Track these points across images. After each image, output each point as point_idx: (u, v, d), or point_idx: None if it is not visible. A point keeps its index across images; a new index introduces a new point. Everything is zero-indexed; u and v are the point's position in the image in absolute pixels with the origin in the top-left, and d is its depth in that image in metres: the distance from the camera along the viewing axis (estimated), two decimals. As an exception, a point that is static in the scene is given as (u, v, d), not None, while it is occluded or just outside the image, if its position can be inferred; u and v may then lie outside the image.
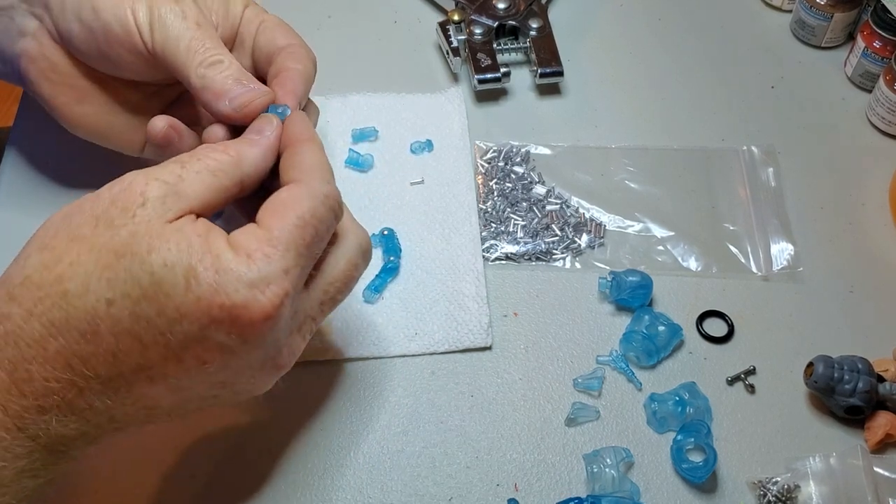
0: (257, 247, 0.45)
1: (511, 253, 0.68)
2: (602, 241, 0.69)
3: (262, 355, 0.47)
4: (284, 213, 0.47)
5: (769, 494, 0.55)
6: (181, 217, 0.45)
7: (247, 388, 0.49)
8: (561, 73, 0.77)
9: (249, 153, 0.50)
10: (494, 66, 0.76)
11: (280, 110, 0.54)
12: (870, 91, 0.77)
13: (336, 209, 0.49)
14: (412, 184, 0.71)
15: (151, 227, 0.44)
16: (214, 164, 0.48)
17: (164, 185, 0.45)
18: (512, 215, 0.70)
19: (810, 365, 0.59)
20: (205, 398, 0.48)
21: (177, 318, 0.43)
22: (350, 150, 0.73)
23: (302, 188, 0.48)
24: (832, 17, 0.79)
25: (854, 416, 0.59)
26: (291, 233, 0.46)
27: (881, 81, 0.74)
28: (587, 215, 0.70)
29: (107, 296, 0.43)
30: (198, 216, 0.46)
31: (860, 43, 0.76)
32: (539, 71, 0.77)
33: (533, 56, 0.78)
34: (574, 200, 0.71)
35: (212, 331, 0.44)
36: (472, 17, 0.79)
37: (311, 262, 0.48)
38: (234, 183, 0.48)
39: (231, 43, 0.60)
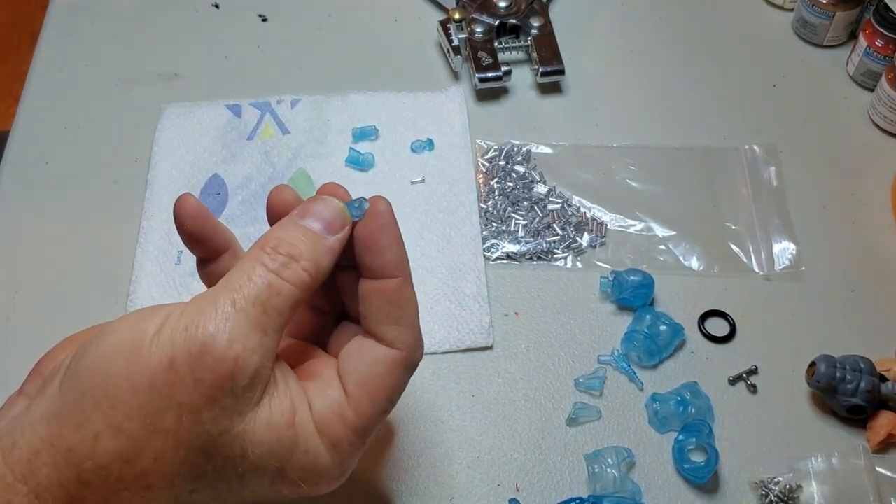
0: (344, 436, 0.42)
1: (512, 252, 0.67)
2: (603, 240, 0.68)
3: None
4: (379, 394, 0.43)
5: (771, 494, 0.55)
6: (269, 387, 0.41)
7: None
8: (562, 72, 0.77)
9: (325, 262, 0.43)
10: (495, 65, 0.76)
11: (357, 204, 0.45)
12: (872, 90, 0.77)
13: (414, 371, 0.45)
14: (413, 183, 0.71)
15: (245, 424, 0.39)
16: (295, 293, 0.41)
17: (253, 357, 0.39)
18: (513, 214, 0.69)
19: (812, 364, 0.59)
20: None
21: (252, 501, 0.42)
22: (350, 148, 0.72)
23: (401, 364, 0.44)
24: (834, 15, 0.79)
25: (856, 416, 0.59)
26: (379, 417, 0.44)
27: (883, 80, 0.74)
28: (588, 214, 0.70)
29: (191, 488, 0.40)
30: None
31: (862, 42, 0.76)
32: (540, 69, 0.77)
33: (534, 55, 0.78)
34: (575, 199, 0.71)
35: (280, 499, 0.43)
36: (473, 15, 0.79)
37: None
38: (304, 301, 0.43)
39: None
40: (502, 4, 0.79)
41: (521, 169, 0.72)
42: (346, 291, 0.49)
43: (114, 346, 0.39)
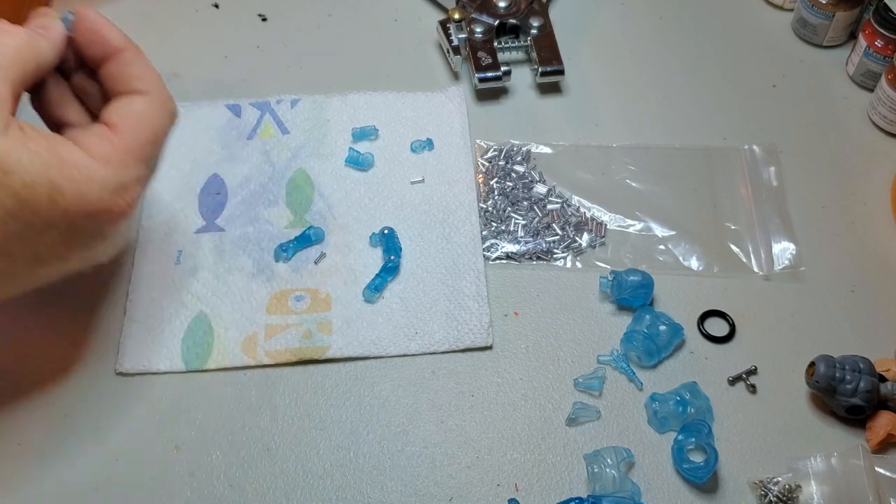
0: (114, 154, 0.49)
1: (512, 252, 0.67)
2: (603, 240, 0.68)
3: (113, 241, 0.52)
4: (141, 126, 0.51)
5: (770, 494, 0.55)
6: (12, 125, 0.47)
7: (99, 259, 0.53)
8: (562, 72, 0.77)
9: (44, 45, 0.51)
10: (495, 65, 0.76)
11: (63, 16, 0.54)
12: (871, 90, 0.77)
13: (175, 120, 0.54)
14: (412, 183, 0.71)
15: None
16: (16, 53, 0.49)
17: None
18: (513, 214, 0.69)
19: (812, 365, 0.59)
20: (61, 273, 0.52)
21: (44, 230, 0.47)
22: (350, 148, 0.72)
23: (156, 105, 0.52)
24: (834, 15, 0.79)
25: (855, 416, 0.59)
26: (145, 147, 0.51)
27: (883, 80, 0.74)
28: (588, 214, 0.70)
29: None
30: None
31: (862, 42, 0.76)
32: (540, 69, 0.77)
33: (534, 54, 0.78)
34: (575, 199, 0.71)
35: (76, 232, 0.48)
36: (473, 15, 0.79)
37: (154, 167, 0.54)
38: (35, 70, 0.50)
39: None
40: (502, 4, 0.79)
41: (520, 169, 0.72)
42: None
43: None
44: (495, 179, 0.72)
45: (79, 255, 0.50)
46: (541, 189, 0.71)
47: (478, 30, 0.78)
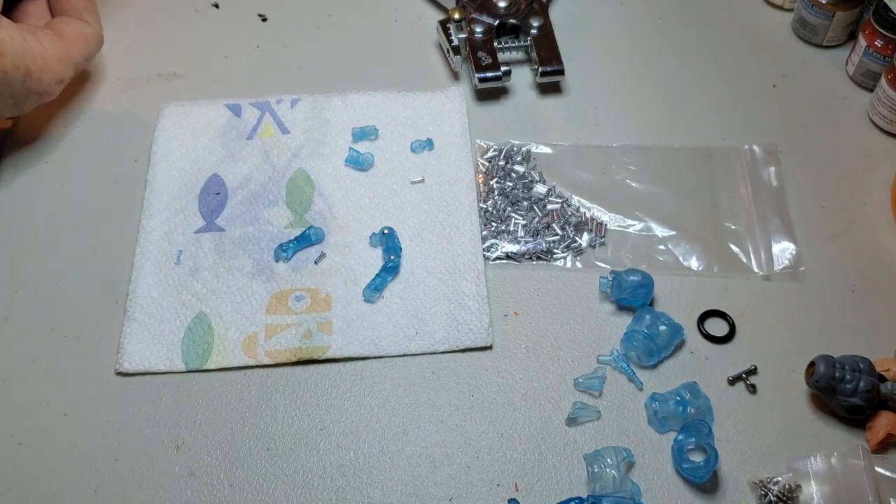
0: (64, 53, 0.67)
1: (512, 252, 0.67)
2: (603, 240, 0.68)
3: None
4: (82, 42, 0.70)
5: (770, 494, 0.55)
6: (1, 19, 0.62)
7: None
8: (562, 72, 0.77)
9: None
10: (495, 65, 0.76)
11: None
12: (871, 90, 0.77)
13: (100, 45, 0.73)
14: (412, 183, 0.71)
15: None
16: None
17: None
18: (513, 214, 0.69)
19: (812, 364, 0.59)
20: None
21: (5, 97, 0.64)
22: (350, 148, 0.72)
23: (95, 32, 0.72)
24: (833, 15, 0.79)
25: (855, 416, 0.59)
26: (81, 58, 0.70)
27: (883, 80, 0.74)
28: (588, 214, 0.70)
29: None
30: None
31: (862, 42, 0.76)
32: (540, 69, 0.77)
33: (534, 54, 0.78)
34: (575, 199, 0.71)
35: (20, 102, 0.66)
36: (473, 15, 0.79)
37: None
38: None
39: None
40: (502, 4, 0.79)
41: (520, 169, 0.72)
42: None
43: None
44: (495, 179, 0.72)
45: (9, 111, 0.66)
46: (541, 189, 0.71)
47: (478, 30, 0.78)
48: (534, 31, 0.78)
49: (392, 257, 0.66)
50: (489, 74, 0.76)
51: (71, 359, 0.62)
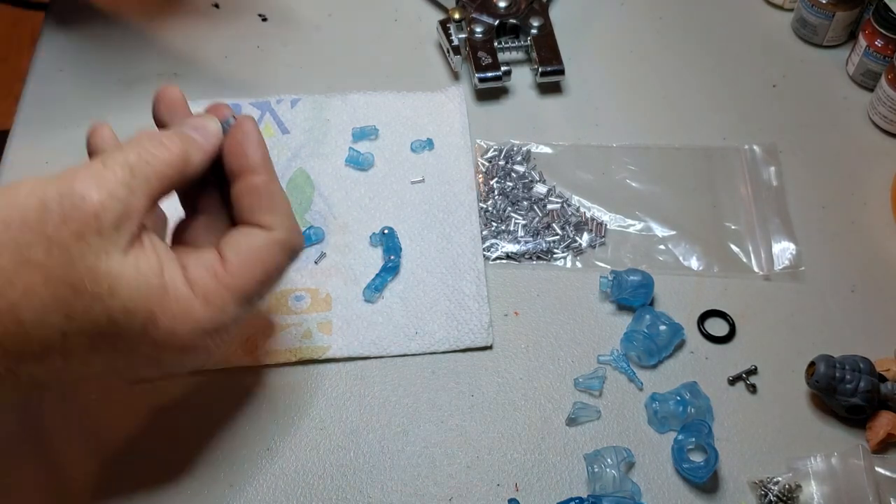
0: (217, 293, 0.46)
1: (512, 252, 0.67)
2: (603, 240, 0.68)
3: (191, 365, 0.49)
4: (254, 264, 0.47)
5: (770, 494, 0.55)
6: (135, 242, 0.44)
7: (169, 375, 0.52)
8: (562, 72, 0.77)
9: (196, 158, 0.48)
10: (495, 65, 0.76)
11: (227, 119, 0.52)
12: (871, 90, 0.77)
13: (296, 258, 0.50)
14: (413, 182, 0.71)
15: (110, 263, 0.42)
16: (163, 167, 0.46)
17: (118, 204, 0.43)
18: (513, 214, 0.69)
19: (812, 364, 0.59)
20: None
21: (128, 353, 0.45)
22: (350, 148, 0.72)
23: (277, 243, 0.48)
24: (834, 15, 0.79)
25: (856, 416, 0.59)
26: (253, 287, 0.47)
27: (883, 80, 0.74)
28: (588, 214, 0.70)
29: (63, 330, 0.42)
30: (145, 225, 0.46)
31: (862, 42, 0.76)
32: (540, 69, 0.77)
33: (534, 54, 0.78)
34: (575, 199, 0.71)
35: (159, 360, 0.46)
36: (473, 15, 0.79)
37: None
38: (174, 185, 0.47)
39: None
40: (502, 4, 0.79)
41: (520, 169, 0.72)
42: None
43: None
44: (495, 179, 0.72)
45: (153, 373, 0.48)
46: (541, 189, 0.71)
47: (478, 30, 0.78)
48: (534, 31, 0.78)
49: (392, 257, 0.66)
50: (489, 74, 0.76)
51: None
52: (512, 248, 0.68)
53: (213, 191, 0.52)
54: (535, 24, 0.79)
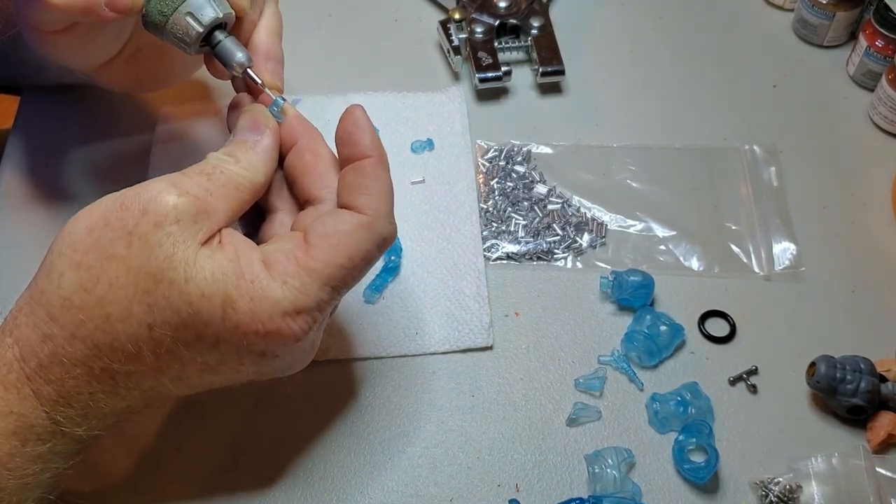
0: (295, 274, 0.45)
1: (512, 252, 0.67)
2: (603, 240, 0.68)
3: (289, 360, 0.49)
4: (337, 248, 0.46)
5: (771, 495, 0.55)
6: (212, 237, 0.46)
7: (276, 374, 0.51)
8: (562, 72, 0.77)
9: (263, 168, 0.50)
10: (495, 65, 0.76)
11: (280, 100, 0.53)
12: (872, 90, 0.77)
13: (386, 248, 0.48)
14: (413, 183, 0.71)
15: (187, 251, 0.44)
16: (238, 178, 0.48)
17: (194, 201, 0.45)
18: (513, 214, 0.69)
19: (812, 365, 0.59)
20: (233, 382, 0.50)
21: (214, 343, 0.46)
22: (350, 149, 0.72)
23: (366, 227, 0.47)
24: (834, 15, 0.79)
25: (856, 417, 0.59)
26: (336, 272, 0.46)
27: (883, 80, 0.74)
28: (588, 215, 0.70)
29: (148, 321, 0.44)
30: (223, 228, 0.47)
31: (862, 42, 0.76)
32: (540, 70, 0.77)
33: (534, 55, 0.78)
34: (575, 200, 0.71)
35: (246, 350, 0.46)
36: (474, 15, 0.79)
37: (346, 292, 0.48)
38: (252, 196, 0.49)
39: None
40: (502, 4, 0.79)
41: (521, 169, 0.72)
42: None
43: (76, 216, 0.46)
44: (496, 179, 0.72)
45: (252, 370, 0.48)
46: (541, 189, 0.71)
47: (478, 30, 0.78)
48: (534, 31, 0.78)
49: (392, 257, 0.66)
50: (489, 74, 0.76)
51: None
52: (512, 248, 0.68)
53: (277, 188, 0.53)
54: (536, 24, 0.79)
